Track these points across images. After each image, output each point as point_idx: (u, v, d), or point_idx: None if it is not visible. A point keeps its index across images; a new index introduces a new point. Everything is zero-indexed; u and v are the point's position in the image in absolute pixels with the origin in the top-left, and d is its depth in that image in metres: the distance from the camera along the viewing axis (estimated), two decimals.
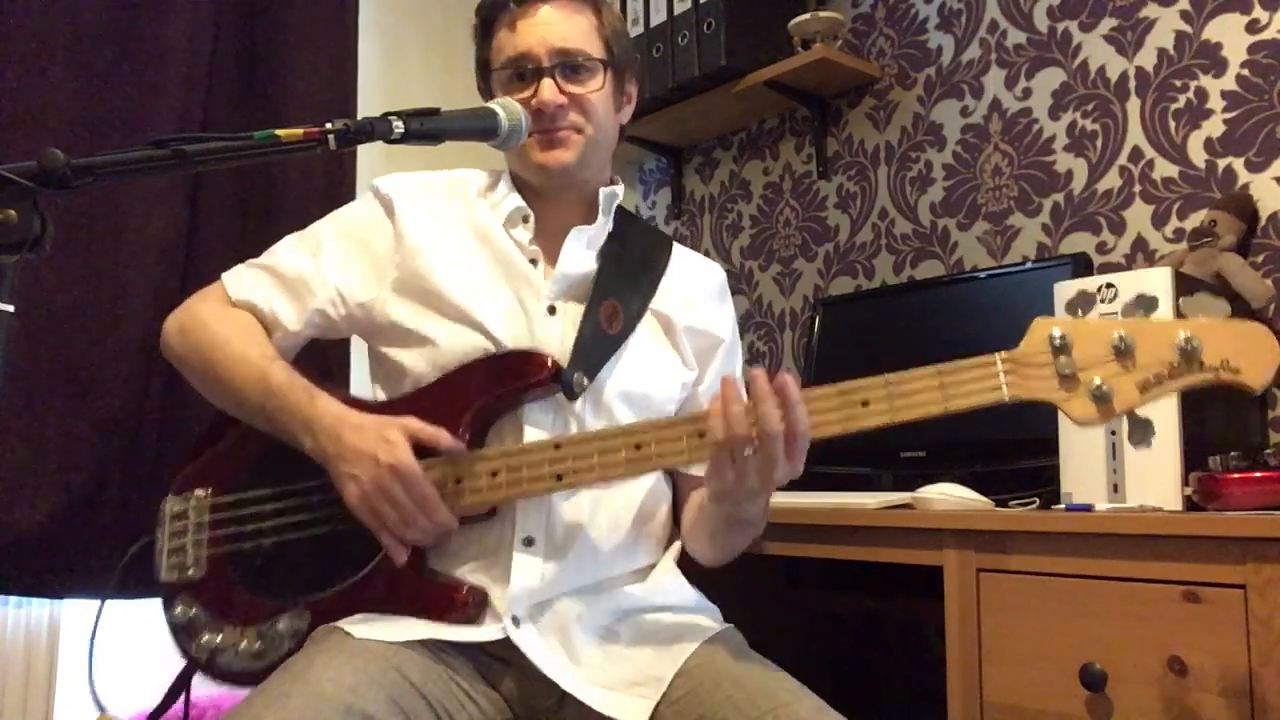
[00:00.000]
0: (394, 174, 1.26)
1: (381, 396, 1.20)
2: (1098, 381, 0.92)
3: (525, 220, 1.21)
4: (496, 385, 1.10)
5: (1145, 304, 0.95)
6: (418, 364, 1.14)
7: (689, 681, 1.01)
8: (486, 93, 1.25)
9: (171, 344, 1.22)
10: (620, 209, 1.27)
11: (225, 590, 1.14)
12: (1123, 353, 0.93)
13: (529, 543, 1.10)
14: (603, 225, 1.23)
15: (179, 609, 1.15)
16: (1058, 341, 0.94)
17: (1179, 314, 0.96)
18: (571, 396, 1.11)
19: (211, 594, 1.14)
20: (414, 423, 1.06)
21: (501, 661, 1.07)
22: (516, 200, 1.21)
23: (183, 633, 1.15)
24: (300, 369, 1.15)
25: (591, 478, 1.04)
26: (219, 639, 1.12)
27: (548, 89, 1.16)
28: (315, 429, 1.07)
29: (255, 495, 1.15)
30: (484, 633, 1.06)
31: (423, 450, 1.05)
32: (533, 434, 1.11)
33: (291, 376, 1.11)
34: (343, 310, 1.20)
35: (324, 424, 1.07)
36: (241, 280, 1.22)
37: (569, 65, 1.17)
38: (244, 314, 1.20)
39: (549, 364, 1.09)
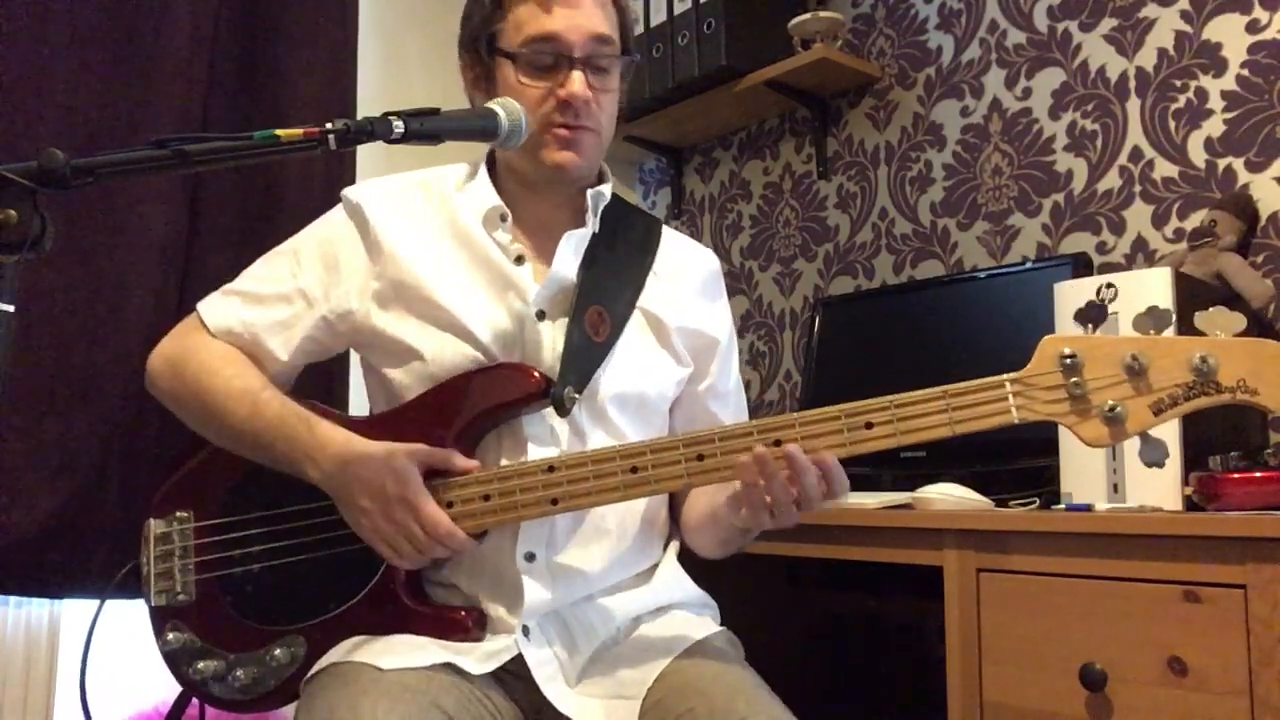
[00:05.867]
0: (365, 181, 1.22)
1: (376, 411, 1.18)
2: (1110, 403, 0.90)
3: (504, 219, 1.15)
4: (485, 400, 1.08)
5: (1157, 319, 0.93)
6: (407, 378, 1.12)
7: (663, 688, 1.01)
8: (483, 70, 1.16)
9: (158, 383, 1.18)
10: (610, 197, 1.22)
11: (217, 616, 1.11)
12: (1136, 373, 0.90)
13: (530, 558, 1.08)
14: (589, 229, 1.18)
15: (170, 636, 1.13)
16: (1068, 361, 0.91)
17: (1187, 323, 0.93)
18: (563, 412, 1.08)
19: (203, 620, 1.12)
20: (422, 448, 1.03)
21: (513, 674, 1.06)
22: (493, 199, 1.16)
23: (176, 660, 1.13)
24: (293, 392, 1.13)
25: (587, 503, 1.02)
26: (213, 666, 1.10)
27: (579, 82, 1.09)
28: (319, 459, 1.05)
29: (242, 519, 1.13)
30: (498, 655, 1.04)
31: (433, 472, 1.04)
32: (533, 446, 1.09)
33: (285, 406, 1.08)
34: (326, 328, 1.16)
35: (328, 454, 1.04)
36: (217, 310, 1.18)
37: (597, 59, 1.12)
38: (227, 346, 1.16)
39: (537, 378, 1.07)
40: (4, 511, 1.67)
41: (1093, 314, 0.97)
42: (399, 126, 0.94)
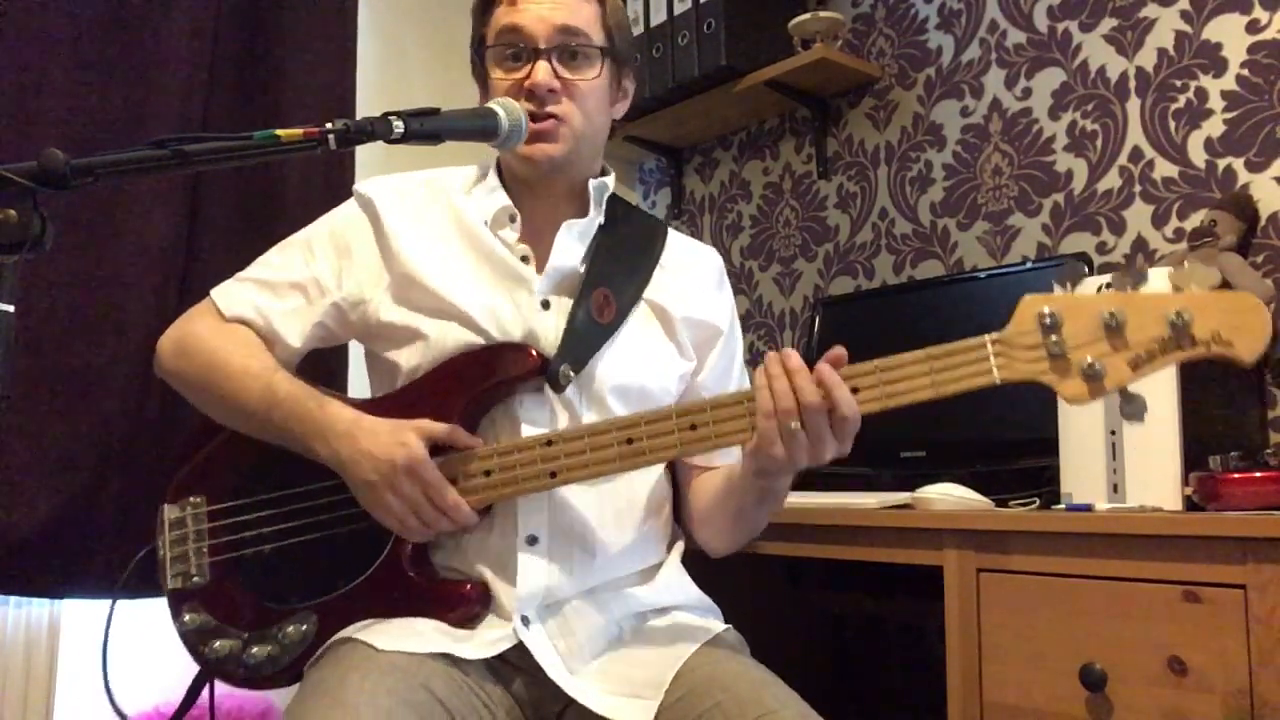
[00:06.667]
0: (375, 177, 1.24)
1: (376, 395, 1.19)
2: (1089, 360, 0.91)
3: (512, 220, 1.18)
4: (482, 378, 1.10)
5: (1135, 276, 0.94)
6: (410, 361, 1.13)
7: (683, 686, 1.01)
8: (480, 71, 1.21)
9: (166, 364, 1.20)
10: (613, 197, 1.24)
11: (231, 596, 1.14)
12: (1113, 329, 0.91)
13: (532, 541, 1.09)
14: (594, 217, 1.20)
15: (187, 617, 1.15)
16: (1047, 320, 0.93)
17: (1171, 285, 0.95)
18: (558, 389, 1.10)
19: (218, 600, 1.15)
20: (426, 424, 1.06)
21: (512, 665, 1.07)
22: (502, 199, 1.19)
23: (193, 640, 1.15)
24: (303, 376, 1.14)
25: (585, 474, 1.04)
26: (230, 646, 1.13)
27: (542, 70, 1.12)
28: (329, 436, 1.07)
29: (252, 501, 1.15)
30: (497, 643, 1.05)
31: (436, 449, 1.06)
32: (528, 429, 1.10)
33: (295, 385, 1.11)
34: (338, 315, 1.19)
35: (338, 430, 1.06)
36: (232, 295, 1.20)
37: (567, 50, 1.14)
38: (241, 329, 1.18)
39: (534, 355, 1.09)
40: (4, 511, 1.68)
41: (1071, 274, 0.98)
42: (399, 126, 0.94)
